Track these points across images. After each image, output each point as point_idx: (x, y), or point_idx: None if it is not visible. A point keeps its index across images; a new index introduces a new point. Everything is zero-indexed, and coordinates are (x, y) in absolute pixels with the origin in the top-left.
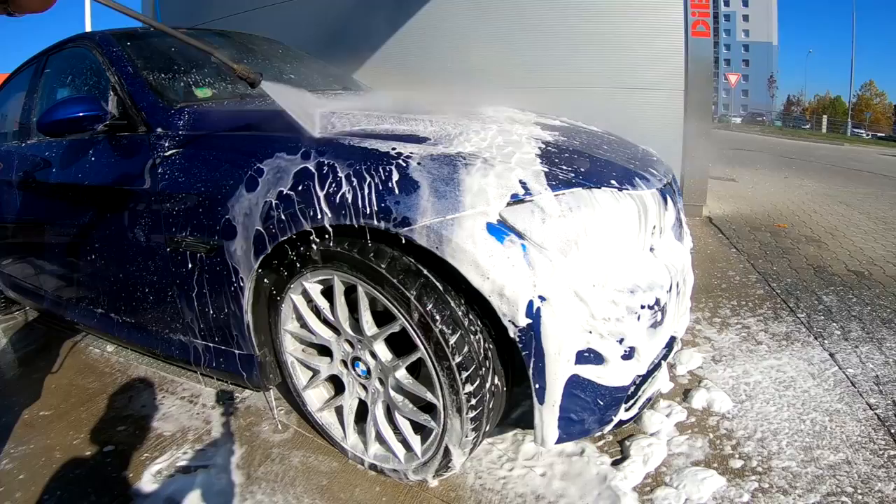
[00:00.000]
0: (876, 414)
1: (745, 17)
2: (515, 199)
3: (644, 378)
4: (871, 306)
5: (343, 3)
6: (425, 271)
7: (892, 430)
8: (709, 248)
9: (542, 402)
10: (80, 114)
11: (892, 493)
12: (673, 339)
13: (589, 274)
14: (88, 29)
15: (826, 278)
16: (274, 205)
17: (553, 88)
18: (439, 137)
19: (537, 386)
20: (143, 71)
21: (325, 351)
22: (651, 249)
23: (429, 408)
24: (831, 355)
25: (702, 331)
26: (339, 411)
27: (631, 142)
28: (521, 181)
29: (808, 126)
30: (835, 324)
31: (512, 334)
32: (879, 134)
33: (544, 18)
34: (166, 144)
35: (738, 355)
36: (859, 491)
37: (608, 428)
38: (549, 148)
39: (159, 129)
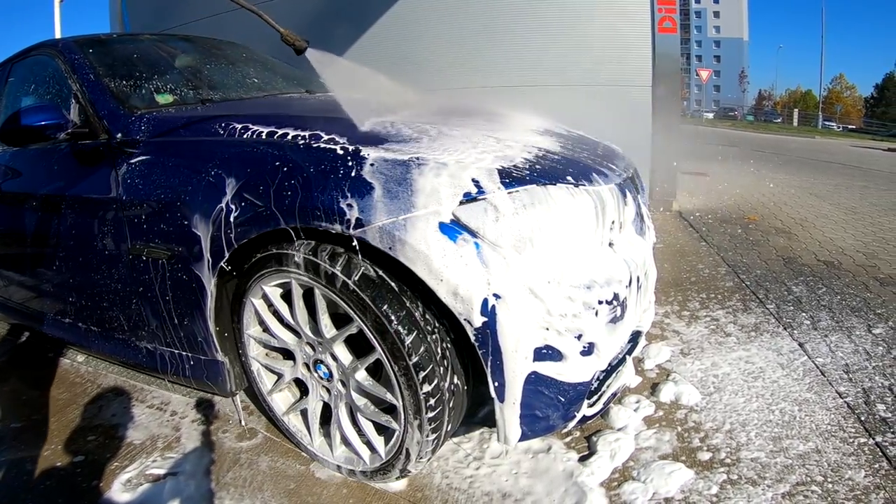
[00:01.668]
0: (846, 402)
1: (716, 14)
2: (468, 198)
3: (607, 373)
4: (841, 295)
5: (311, 6)
6: (380, 272)
7: (862, 418)
8: (678, 242)
9: (502, 400)
10: (42, 122)
11: (863, 481)
12: (638, 333)
13: (544, 270)
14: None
15: (796, 269)
16: (230, 210)
17: (518, 87)
18: (396, 139)
19: (496, 384)
20: (104, 78)
21: (288, 355)
22: (610, 244)
23: (392, 409)
24: (800, 345)
25: (670, 324)
26: (304, 414)
27: (591, 137)
28: (473, 180)
29: (779, 120)
30: (804, 314)
31: (469, 333)
32: (850, 126)
33: (510, 17)
34: (126, 151)
35: (707, 348)
36: (829, 479)
37: (572, 424)
38: (505, 145)
39: (120, 136)
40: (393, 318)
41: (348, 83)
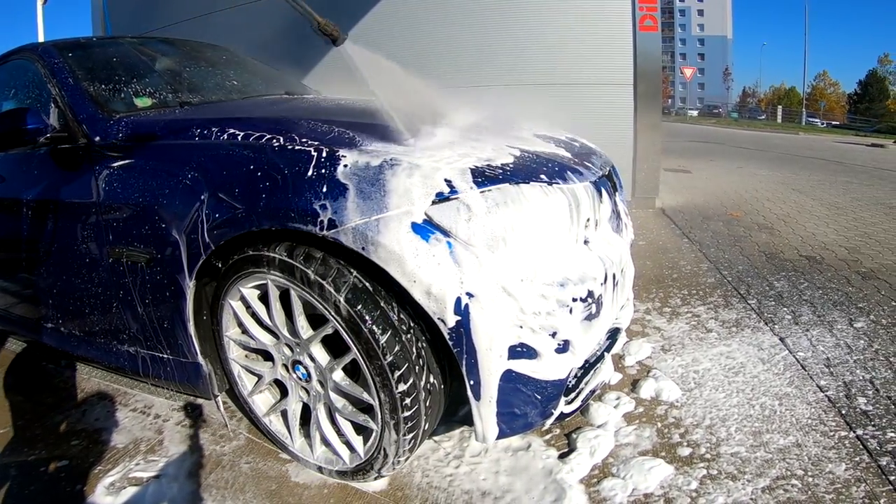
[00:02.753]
0: (826, 396)
1: (700, 12)
2: (441, 198)
3: (585, 370)
4: (823, 290)
5: (288, 8)
6: (355, 273)
7: (843, 412)
8: (660, 239)
9: (478, 398)
10: (20, 126)
11: (843, 474)
12: (617, 330)
13: (517, 269)
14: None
15: (778, 264)
16: (206, 212)
17: (498, 86)
18: (370, 140)
19: (472, 382)
20: (83, 82)
21: (267, 356)
22: (586, 242)
23: (369, 409)
24: (781, 340)
25: (651, 321)
26: (284, 415)
27: (567, 136)
28: (446, 180)
29: (763, 117)
30: (785, 308)
31: (443, 332)
32: (834, 122)
33: (489, 16)
34: (105, 155)
35: (688, 344)
36: (809, 473)
37: (549, 421)
38: (479, 144)
39: (98, 140)
40: (367, 318)
41: (388, 81)
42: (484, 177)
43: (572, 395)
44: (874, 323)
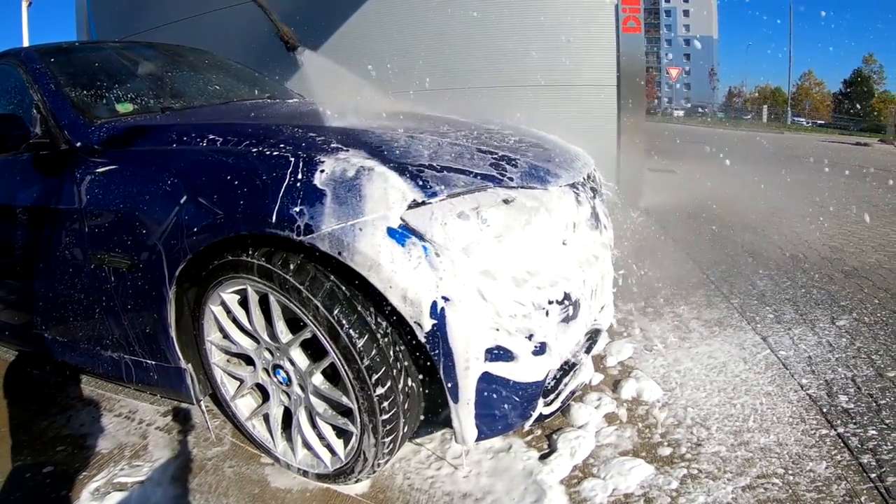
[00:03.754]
0: (808, 394)
1: (686, 13)
2: (417, 202)
3: (564, 372)
4: (805, 288)
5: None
6: (332, 277)
7: (824, 410)
8: (645, 239)
9: (456, 400)
10: (2, 133)
11: (824, 472)
12: (597, 331)
13: (493, 272)
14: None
15: (761, 263)
16: (186, 218)
17: (481, 89)
18: (348, 146)
19: (449, 385)
20: (65, 88)
21: (248, 360)
22: (563, 244)
23: (349, 412)
24: (763, 339)
25: (634, 321)
26: (266, 419)
27: (547, 138)
28: (422, 184)
29: (749, 116)
30: (768, 307)
31: (420, 335)
32: (819, 121)
33: (471, 19)
34: (86, 161)
35: (670, 344)
36: (790, 471)
37: (529, 422)
38: (457, 149)
39: (80, 146)
40: (344, 322)
41: (332, 86)
42: (461, 181)
43: (551, 396)
44: (856, 321)
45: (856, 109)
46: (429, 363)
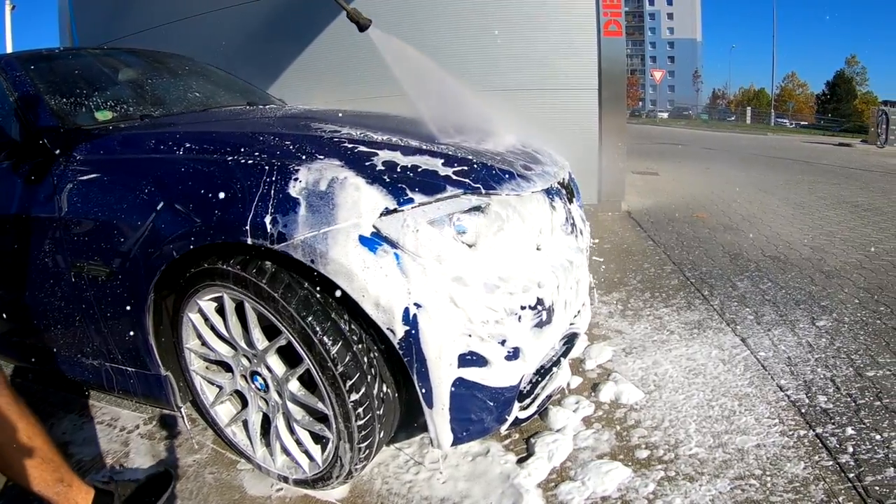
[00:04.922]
0: (786, 395)
1: (670, 16)
2: (389, 210)
3: (541, 376)
4: (786, 289)
5: (255, 17)
6: (306, 284)
7: (803, 410)
8: (625, 241)
9: (430, 405)
10: None
11: (802, 473)
12: (574, 335)
13: (465, 279)
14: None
15: (742, 265)
16: (163, 226)
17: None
18: (322, 154)
19: (424, 390)
20: (44, 95)
21: (227, 367)
22: (538, 249)
23: (325, 418)
24: (743, 340)
25: (613, 324)
26: (245, 425)
27: (523, 142)
28: (395, 191)
29: (733, 118)
30: (748, 309)
31: (393, 342)
32: (802, 123)
33: (452, 22)
34: (66, 169)
35: (649, 346)
36: (768, 472)
37: (505, 427)
38: (429, 154)
39: (59, 154)
40: (318, 328)
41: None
42: (433, 187)
43: (527, 400)
44: (837, 321)
45: (839, 110)
46: (403, 369)
